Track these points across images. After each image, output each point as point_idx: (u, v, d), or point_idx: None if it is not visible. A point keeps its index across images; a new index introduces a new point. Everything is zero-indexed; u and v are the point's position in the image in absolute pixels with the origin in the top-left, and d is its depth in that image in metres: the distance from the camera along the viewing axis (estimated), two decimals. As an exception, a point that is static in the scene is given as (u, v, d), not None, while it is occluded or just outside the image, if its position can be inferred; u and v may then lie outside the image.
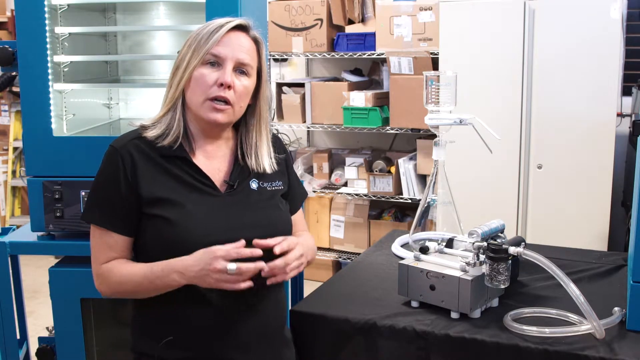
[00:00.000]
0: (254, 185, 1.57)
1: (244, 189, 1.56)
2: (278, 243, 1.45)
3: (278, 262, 1.43)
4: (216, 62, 1.49)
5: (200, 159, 1.54)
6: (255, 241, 1.44)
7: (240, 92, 1.51)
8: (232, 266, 1.38)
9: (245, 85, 1.52)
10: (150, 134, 1.51)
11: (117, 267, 1.50)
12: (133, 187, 1.47)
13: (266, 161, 1.59)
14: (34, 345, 2.43)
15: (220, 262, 1.38)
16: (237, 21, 1.52)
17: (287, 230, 1.59)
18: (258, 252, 1.42)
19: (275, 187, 1.60)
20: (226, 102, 1.49)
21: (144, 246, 1.51)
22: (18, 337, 2.29)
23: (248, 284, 1.40)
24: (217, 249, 1.40)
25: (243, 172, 1.57)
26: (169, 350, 1.50)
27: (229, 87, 1.48)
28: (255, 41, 1.55)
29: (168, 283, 1.43)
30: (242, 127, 1.60)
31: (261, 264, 1.41)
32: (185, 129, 1.53)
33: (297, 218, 1.71)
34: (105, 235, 1.50)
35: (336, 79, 4.51)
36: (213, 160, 1.56)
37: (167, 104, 1.53)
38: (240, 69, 1.51)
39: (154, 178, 1.49)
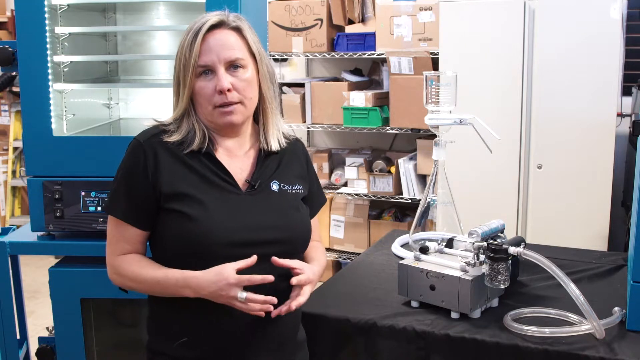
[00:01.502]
0: (274, 186, 1.56)
1: (265, 189, 1.55)
2: (296, 269, 1.48)
3: (286, 307, 1.46)
4: (208, 71, 1.48)
5: (222, 156, 1.54)
6: (274, 259, 1.45)
7: (244, 87, 1.49)
8: (242, 295, 1.40)
9: (245, 78, 1.50)
10: (173, 139, 1.50)
11: (133, 265, 1.50)
12: (154, 181, 1.47)
13: (273, 141, 1.58)
14: (34, 345, 2.43)
15: (233, 289, 1.40)
16: (209, 22, 1.48)
17: (305, 234, 1.58)
18: (269, 278, 1.42)
19: (296, 190, 1.59)
20: (233, 103, 1.49)
21: (162, 240, 1.51)
22: (18, 337, 2.29)
23: (260, 313, 1.42)
24: (229, 275, 1.40)
25: (265, 173, 1.56)
26: (183, 350, 1.50)
27: (229, 90, 1.47)
28: (237, 30, 1.51)
29: (180, 293, 1.45)
30: (257, 112, 1.60)
31: (270, 299, 1.42)
32: (205, 131, 1.54)
33: (312, 225, 1.69)
34: (122, 227, 1.51)
35: (336, 79, 4.51)
36: (235, 159, 1.56)
37: (178, 112, 1.53)
38: (232, 65, 1.49)
39: (175, 173, 1.49)
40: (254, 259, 1.43)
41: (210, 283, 1.41)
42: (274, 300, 1.42)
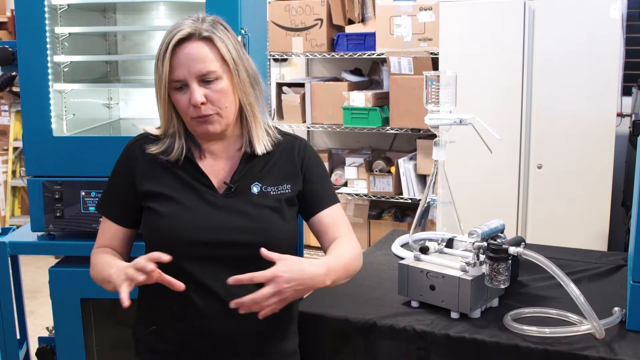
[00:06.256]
0: (255, 189, 1.54)
1: (244, 192, 1.53)
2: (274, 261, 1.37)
3: (245, 299, 1.33)
4: (181, 85, 1.47)
5: (207, 160, 1.56)
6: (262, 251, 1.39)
7: (218, 98, 1.47)
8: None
9: (219, 89, 1.47)
10: (153, 150, 1.54)
11: (95, 256, 1.56)
12: (133, 180, 1.54)
13: (258, 145, 1.54)
14: (34, 345, 2.43)
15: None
16: (177, 36, 1.45)
17: (281, 239, 1.53)
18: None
19: (281, 191, 1.56)
20: (208, 115, 1.48)
21: (144, 238, 1.56)
22: (18, 337, 2.29)
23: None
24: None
25: (246, 175, 1.55)
26: (154, 339, 1.54)
27: (203, 103, 1.46)
28: (207, 40, 1.47)
29: (106, 279, 1.45)
30: (241, 116, 1.58)
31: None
32: (191, 136, 1.56)
33: (333, 217, 1.60)
34: (105, 222, 1.60)
35: (336, 79, 4.51)
36: (220, 161, 1.57)
37: (161, 121, 1.56)
38: (204, 79, 1.46)
39: (154, 174, 1.54)
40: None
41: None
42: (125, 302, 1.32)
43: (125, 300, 1.31)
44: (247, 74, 1.53)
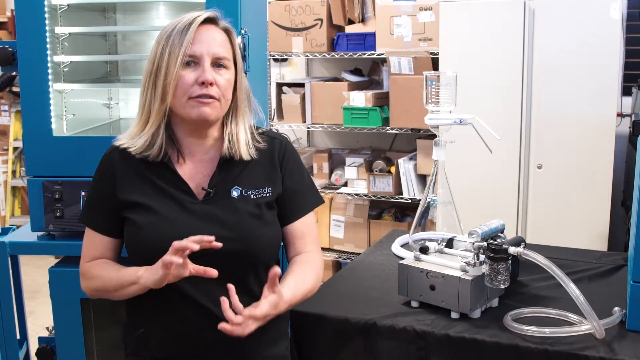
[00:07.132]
0: (235, 193, 1.51)
1: (224, 196, 1.51)
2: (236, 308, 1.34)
3: (236, 319, 1.32)
4: (193, 62, 1.46)
5: (187, 165, 1.53)
6: (229, 287, 1.35)
7: (224, 86, 1.48)
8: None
9: (226, 78, 1.48)
10: (134, 150, 1.50)
11: (96, 268, 1.54)
12: (113, 190, 1.51)
13: (243, 149, 1.53)
14: (34, 345, 2.43)
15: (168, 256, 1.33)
16: (205, 14, 1.48)
17: (261, 245, 1.51)
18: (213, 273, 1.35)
19: (261, 195, 1.54)
20: (211, 97, 1.46)
21: (126, 247, 1.55)
22: (18, 337, 2.29)
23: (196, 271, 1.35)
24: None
25: (225, 178, 1.52)
26: (143, 345, 1.53)
27: (211, 84, 1.45)
28: (227, 31, 1.51)
29: (133, 281, 1.44)
30: (225, 118, 1.56)
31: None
32: (170, 135, 1.52)
33: (303, 230, 1.60)
34: (91, 234, 1.57)
35: (336, 79, 4.51)
36: (200, 165, 1.54)
37: (146, 115, 1.52)
38: (217, 63, 1.47)
39: (131, 183, 1.51)
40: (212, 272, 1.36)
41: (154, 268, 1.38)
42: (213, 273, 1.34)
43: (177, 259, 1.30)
44: (245, 84, 1.56)
